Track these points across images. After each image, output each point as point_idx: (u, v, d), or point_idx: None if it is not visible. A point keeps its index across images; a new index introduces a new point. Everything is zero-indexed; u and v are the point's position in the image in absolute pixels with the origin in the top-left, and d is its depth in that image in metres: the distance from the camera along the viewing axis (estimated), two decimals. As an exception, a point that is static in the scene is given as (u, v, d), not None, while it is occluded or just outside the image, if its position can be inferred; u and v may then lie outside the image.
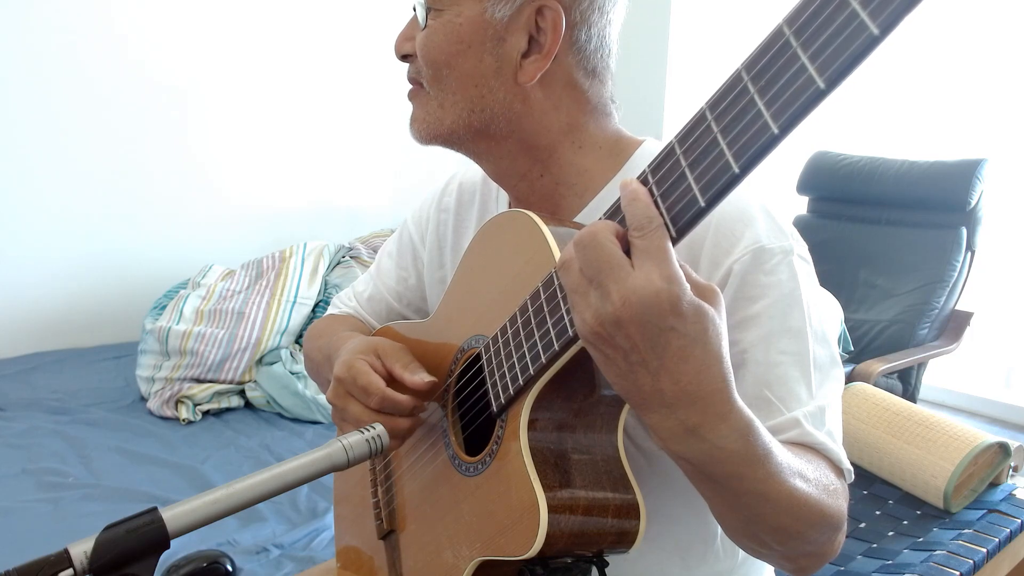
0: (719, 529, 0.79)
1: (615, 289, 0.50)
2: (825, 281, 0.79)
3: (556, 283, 0.61)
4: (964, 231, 2.45)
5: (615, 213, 0.54)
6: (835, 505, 0.62)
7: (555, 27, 0.71)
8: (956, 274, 2.45)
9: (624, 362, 0.52)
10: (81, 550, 0.50)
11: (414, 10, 0.77)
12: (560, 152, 0.78)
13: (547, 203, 0.80)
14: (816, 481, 0.62)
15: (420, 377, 0.75)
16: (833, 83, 0.40)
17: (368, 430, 0.65)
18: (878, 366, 2.18)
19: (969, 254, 2.47)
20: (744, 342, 0.68)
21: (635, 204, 0.51)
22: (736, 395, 0.54)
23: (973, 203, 2.44)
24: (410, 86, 0.80)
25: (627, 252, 0.51)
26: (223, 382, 2.21)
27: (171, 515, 0.53)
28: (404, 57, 0.79)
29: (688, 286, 0.50)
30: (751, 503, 0.58)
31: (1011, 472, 1.65)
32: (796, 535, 0.60)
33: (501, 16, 0.71)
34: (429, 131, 0.78)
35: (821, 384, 0.69)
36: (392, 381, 0.76)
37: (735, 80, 0.45)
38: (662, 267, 0.49)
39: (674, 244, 0.51)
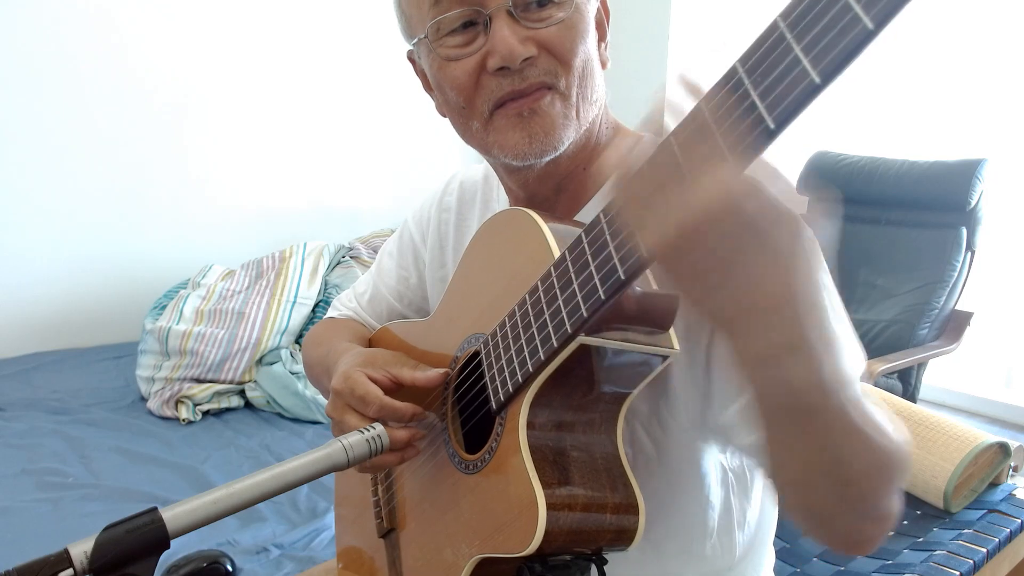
0: (717, 525, 0.79)
1: (710, 184, 0.44)
2: (825, 280, 0.79)
3: (553, 279, 0.61)
4: (964, 231, 2.45)
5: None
6: (906, 454, 0.58)
7: (607, 12, 0.75)
8: (956, 274, 2.45)
9: (714, 274, 0.46)
10: (81, 550, 0.50)
11: (489, 20, 0.68)
12: (600, 141, 0.78)
13: (574, 201, 0.79)
14: (890, 420, 0.58)
15: (432, 372, 0.75)
16: (828, 77, 0.40)
17: (368, 430, 0.65)
18: (878, 366, 2.18)
19: (969, 254, 2.47)
20: None
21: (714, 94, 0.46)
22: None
23: (973, 203, 2.43)
24: (523, 96, 0.70)
25: None
26: (223, 382, 2.21)
27: (171, 515, 0.53)
28: (523, 62, 0.69)
29: (780, 186, 0.46)
30: (840, 442, 0.52)
31: (1011, 472, 1.65)
32: (878, 484, 0.56)
33: (594, 6, 0.73)
34: (565, 137, 0.71)
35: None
36: (394, 390, 0.75)
37: (730, 74, 0.45)
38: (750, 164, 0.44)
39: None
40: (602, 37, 0.75)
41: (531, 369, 0.63)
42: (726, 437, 0.71)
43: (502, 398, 0.67)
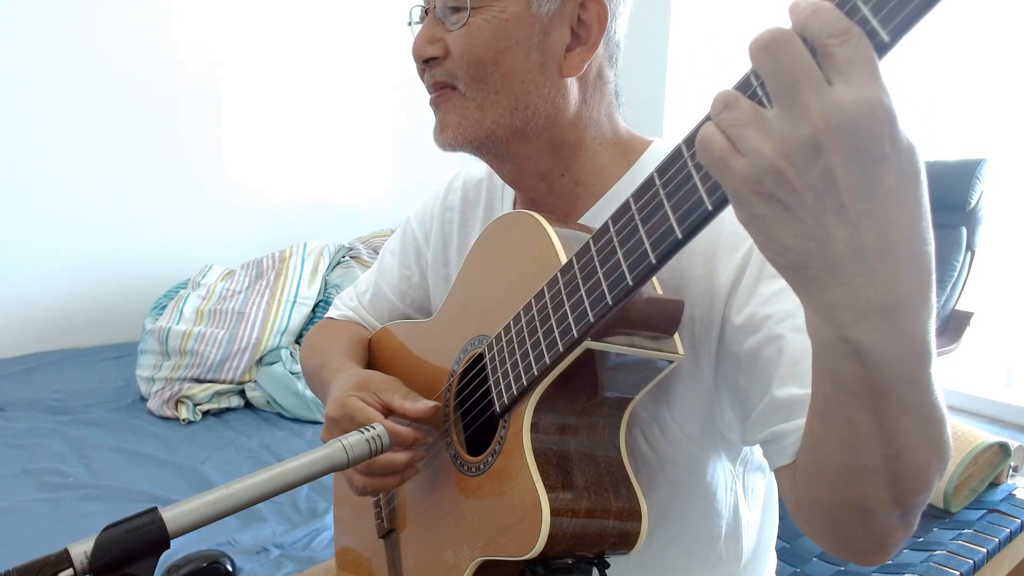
0: (724, 532, 0.79)
1: (816, 105, 0.38)
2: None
3: (560, 284, 0.61)
4: (964, 231, 2.45)
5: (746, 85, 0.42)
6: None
7: (600, 19, 0.72)
8: (956, 274, 2.45)
9: (813, 209, 0.40)
10: (81, 550, 0.50)
11: (425, 12, 0.74)
12: (583, 149, 0.77)
13: (563, 204, 0.79)
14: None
15: (422, 404, 0.75)
16: None
17: (368, 430, 0.65)
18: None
19: (969, 254, 2.47)
20: (782, 311, 0.64)
21: (822, 13, 0.38)
22: None
23: (973, 203, 2.43)
24: (432, 92, 0.75)
25: None
26: (223, 382, 2.20)
27: (171, 515, 0.53)
28: (427, 61, 0.74)
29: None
30: (910, 428, 0.47)
31: (1011, 472, 1.65)
32: (935, 473, 0.50)
33: (547, 10, 0.71)
34: (465, 136, 0.74)
35: None
36: (389, 414, 0.75)
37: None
38: (877, 79, 0.38)
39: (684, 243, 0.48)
40: (581, 42, 0.72)
41: (536, 373, 0.63)
42: (741, 436, 0.70)
43: (506, 401, 0.67)
